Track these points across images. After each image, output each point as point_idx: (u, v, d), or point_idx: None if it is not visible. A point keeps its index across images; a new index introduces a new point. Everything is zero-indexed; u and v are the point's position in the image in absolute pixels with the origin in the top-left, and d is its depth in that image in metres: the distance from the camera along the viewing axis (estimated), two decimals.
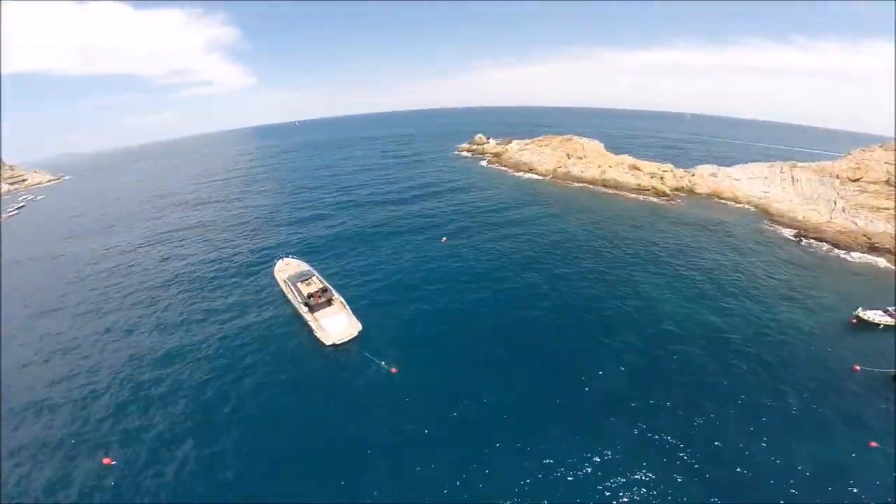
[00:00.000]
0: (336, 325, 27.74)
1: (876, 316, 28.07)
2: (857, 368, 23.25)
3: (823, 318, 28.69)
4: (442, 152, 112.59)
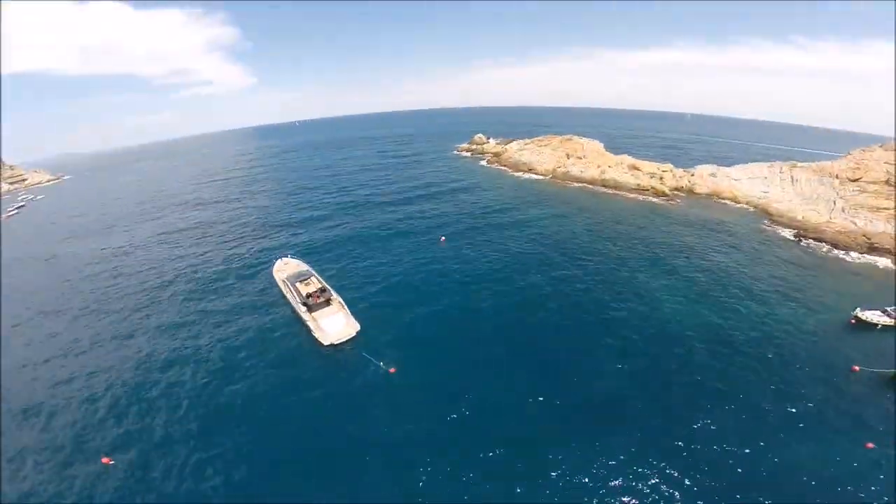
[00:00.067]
0: (334, 325, 27.75)
1: (874, 316, 28.07)
2: (857, 369, 23.24)
3: (822, 319, 28.68)
4: (442, 152, 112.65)
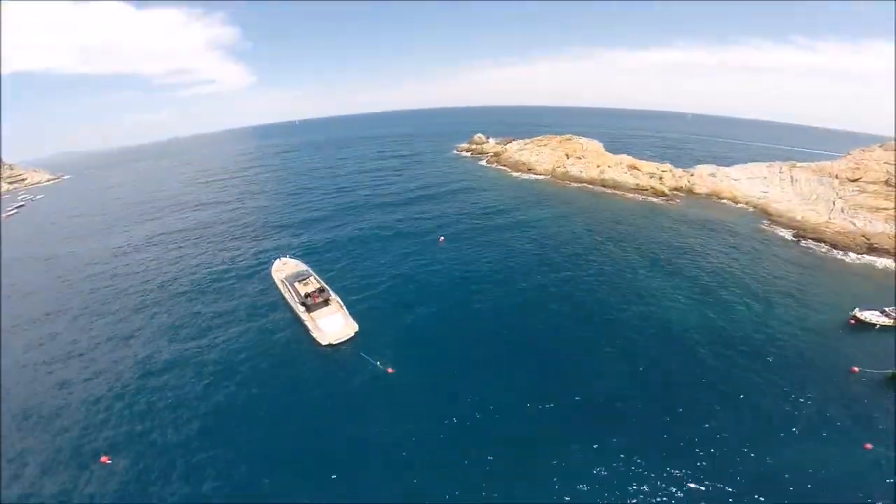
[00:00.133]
0: (333, 325, 27.76)
1: (873, 316, 28.07)
2: (856, 370, 23.22)
3: (821, 319, 28.67)
4: (441, 152, 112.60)
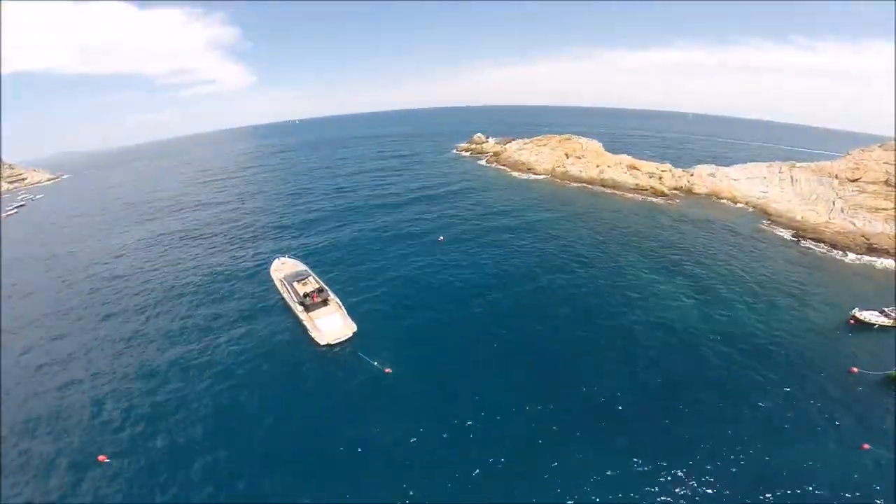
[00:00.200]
0: (331, 325, 27.73)
1: (872, 316, 28.03)
2: (855, 370, 23.18)
3: (821, 319, 28.63)
4: (441, 152, 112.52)
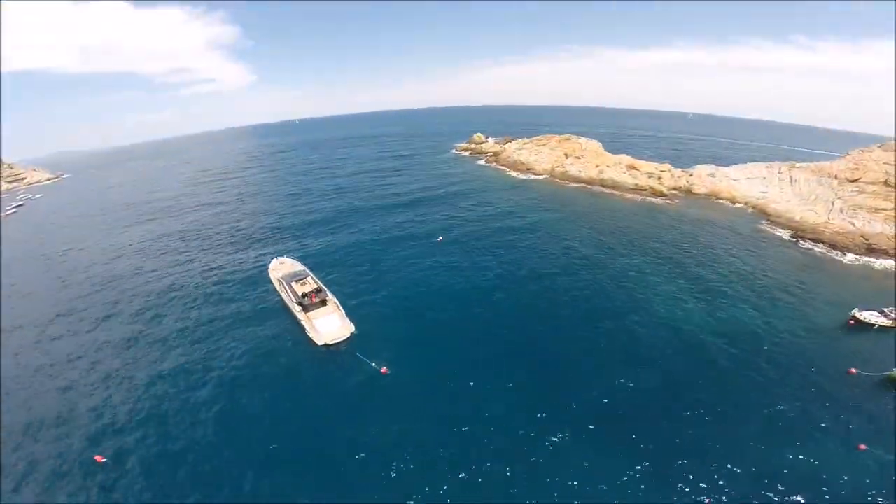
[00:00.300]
0: (329, 326, 27.70)
1: (872, 317, 27.98)
2: (853, 371, 23.13)
3: (820, 320, 28.58)
4: (440, 152, 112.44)
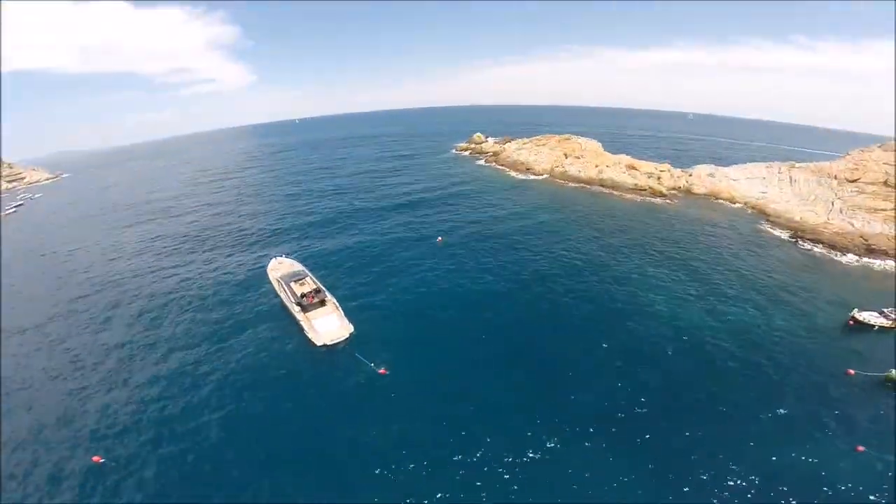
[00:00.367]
0: (328, 326, 27.65)
1: (871, 318, 27.95)
2: (851, 372, 23.10)
3: (819, 320, 28.55)
4: (440, 152, 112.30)
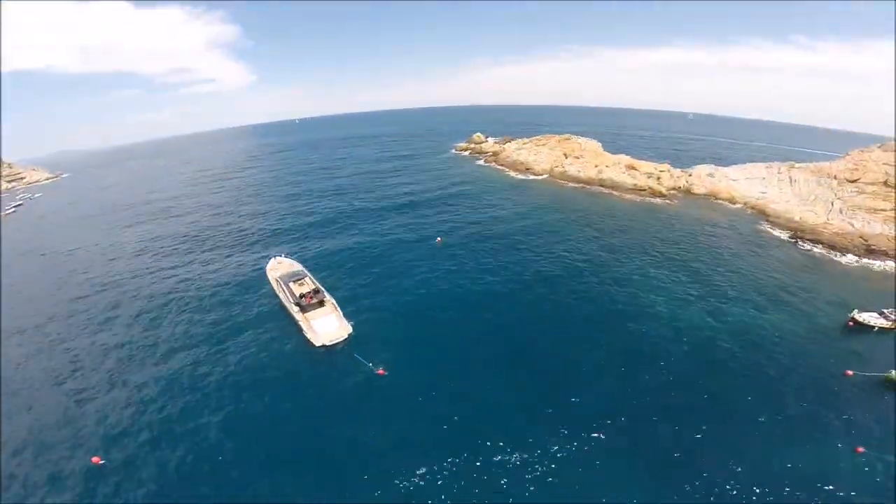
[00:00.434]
0: (326, 327, 27.63)
1: (871, 318, 27.94)
2: (850, 373, 23.08)
3: (819, 321, 28.53)
4: (440, 152, 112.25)
